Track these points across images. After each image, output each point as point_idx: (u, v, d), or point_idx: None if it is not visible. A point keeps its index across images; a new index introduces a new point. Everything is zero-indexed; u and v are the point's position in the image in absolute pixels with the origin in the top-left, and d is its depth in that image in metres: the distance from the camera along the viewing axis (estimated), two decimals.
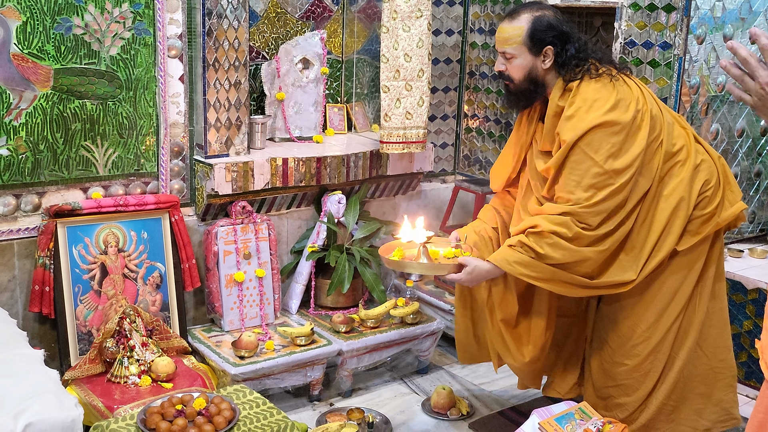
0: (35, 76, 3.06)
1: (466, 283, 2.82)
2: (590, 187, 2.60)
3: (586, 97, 2.63)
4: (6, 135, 3.05)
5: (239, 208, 3.53)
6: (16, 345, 2.59)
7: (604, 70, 2.68)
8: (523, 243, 2.68)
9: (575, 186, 2.62)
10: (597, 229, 2.63)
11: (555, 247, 2.63)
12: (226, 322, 3.55)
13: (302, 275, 3.80)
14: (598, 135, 2.58)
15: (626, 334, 2.84)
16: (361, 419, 3.26)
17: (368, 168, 3.85)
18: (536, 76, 2.75)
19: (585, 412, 2.71)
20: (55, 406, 2.24)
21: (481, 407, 3.52)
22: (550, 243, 2.63)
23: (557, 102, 2.71)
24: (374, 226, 3.87)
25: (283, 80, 3.83)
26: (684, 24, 3.29)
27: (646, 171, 2.66)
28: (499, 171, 3.07)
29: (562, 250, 2.63)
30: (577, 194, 2.61)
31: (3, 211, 3.10)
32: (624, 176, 2.60)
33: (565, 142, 2.62)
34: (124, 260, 3.30)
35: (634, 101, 2.63)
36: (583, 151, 2.60)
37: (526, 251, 2.68)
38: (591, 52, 2.73)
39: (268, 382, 3.30)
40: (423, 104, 3.78)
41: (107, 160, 3.31)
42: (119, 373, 3.03)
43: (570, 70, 2.69)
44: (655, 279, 2.78)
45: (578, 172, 2.62)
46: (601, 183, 2.59)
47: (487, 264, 2.76)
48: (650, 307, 2.79)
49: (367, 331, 3.60)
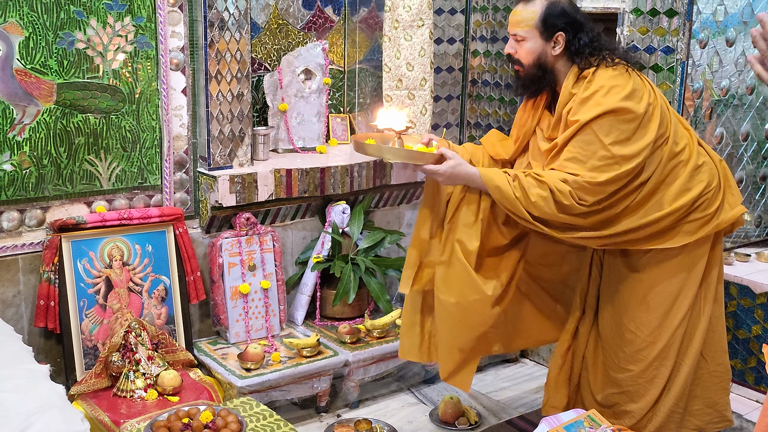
0: (38, 91, 3.07)
1: (442, 177, 2.67)
2: (594, 169, 2.60)
3: (603, 83, 2.62)
4: (10, 150, 3.06)
5: (243, 219, 3.53)
6: (22, 360, 2.58)
7: (619, 61, 2.69)
8: (518, 178, 2.63)
9: (579, 165, 2.62)
10: (589, 207, 2.64)
11: (545, 202, 2.60)
12: (232, 335, 3.54)
13: (307, 286, 3.79)
14: (610, 120, 2.59)
15: (629, 338, 2.83)
16: (369, 430, 3.25)
17: (372, 178, 3.85)
18: (545, 62, 2.74)
19: (594, 420, 2.70)
20: (61, 421, 2.23)
21: (489, 416, 3.51)
22: (543, 196, 2.60)
23: (570, 89, 2.70)
24: (379, 235, 3.87)
25: (285, 91, 3.84)
26: (686, 28, 3.29)
27: (648, 164, 2.66)
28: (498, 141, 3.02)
29: (548, 209, 2.62)
30: (582, 172, 2.62)
31: (7, 227, 3.11)
32: (630, 163, 2.60)
33: (578, 121, 2.61)
34: (129, 274, 3.31)
35: (647, 93, 2.64)
36: (593, 133, 2.60)
37: (516, 188, 2.63)
38: (605, 44, 2.74)
39: (275, 394, 3.29)
40: (426, 113, 3.78)
41: (111, 173, 3.31)
42: (125, 387, 3.03)
43: (585, 58, 2.70)
44: (653, 280, 2.78)
45: (585, 153, 2.61)
46: (606, 166, 2.59)
47: (472, 168, 2.68)
48: (651, 310, 2.79)
49: (374, 342, 3.60)
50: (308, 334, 3.66)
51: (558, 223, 2.70)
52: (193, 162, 3.51)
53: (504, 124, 4.32)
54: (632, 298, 2.82)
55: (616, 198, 2.67)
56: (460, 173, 2.67)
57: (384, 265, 3.82)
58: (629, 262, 2.84)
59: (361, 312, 3.85)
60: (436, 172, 2.66)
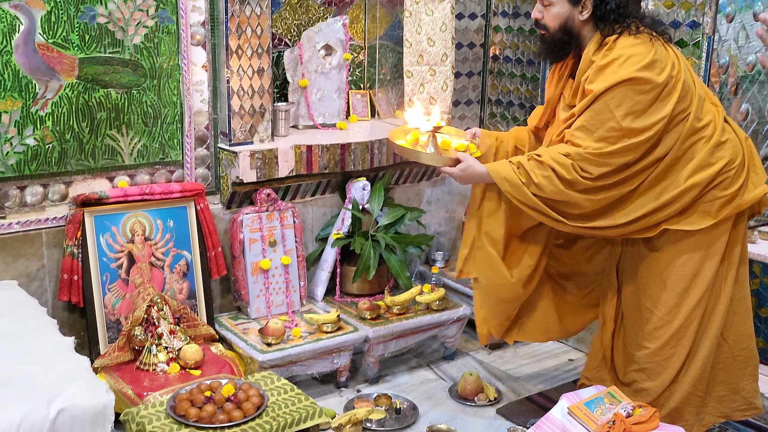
0: (60, 65, 3.09)
1: (457, 179, 2.85)
2: (601, 140, 2.59)
3: (623, 52, 2.60)
4: (33, 125, 3.08)
5: (264, 195, 3.54)
6: (47, 332, 2.63)
7: (643, 30, 2.65)
8: (521, 164, 2.69)
9: (587, 134, 2.61)
10: (596, 181, 2.62)
11: (548, 181, 2.63)
12: (253, 310, 3.57)
13: (327, 262, 3.81)
14: (624, 90, 2.56)
15: (646, 316, 2.83)
16: (389, 405, 3.27)
17: (392, 154, 3.85)
18: (572, 27, 2.72)
19: (614, 396, 2.70)
20: (87, 392, 2.27)
21: (509, 393, 3.52)
22: (546, 175, 2.63)
23: (591, 56, 2.67)
24: (399, 212, 3.87)
25: (305, 67, 3.83)
26: (713, 2, 3.24)
27: (666, 139, 2.63)
28: (533, 116, 3.10)
29: (553, 187, 2.64)
30: (586, 142, 2.61)
31: (31, 201, 3.14)
32: (640, 137, 2.58)
33: (592, 91, 2.60)
34: (151, 249, 3.33)
35: (669, 65, 2.60)
36: (605, 103, 2.58)
37: (520, 173, 2.68)
38: (633, 11, 2.70)
39: (296, 368, 3.32)
40: (447, 89, 3.76)
41: (132, 149, 3.33)
42: (148, 361, 3.06)
43: (609, 24, 2.67)
44: (670, 259, 2.76)
45: (594, 122, 2.60)
46: (613, 138, 2.58)
47: (482, 168, 2.77)
48: (668, 288, 2.77)
49: (393, 318, 3.61)
50: (328, 310, 3.68)
51: (570, 212, 2.69)
52: (214, 138, 3.52)
53: (525, 101, 4.29)
54: (650, 276, 2.81)
55: (628, 173, 2.64)
56: (472, 173, 2.79)
57: (404, 242, 3.82)
58: (648, 241, 2.82)
59: (381, 288, 3.86)
60: (451, 174, 2.83)
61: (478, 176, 2.79)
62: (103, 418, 2.26)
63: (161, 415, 2.60)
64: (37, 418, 2.14)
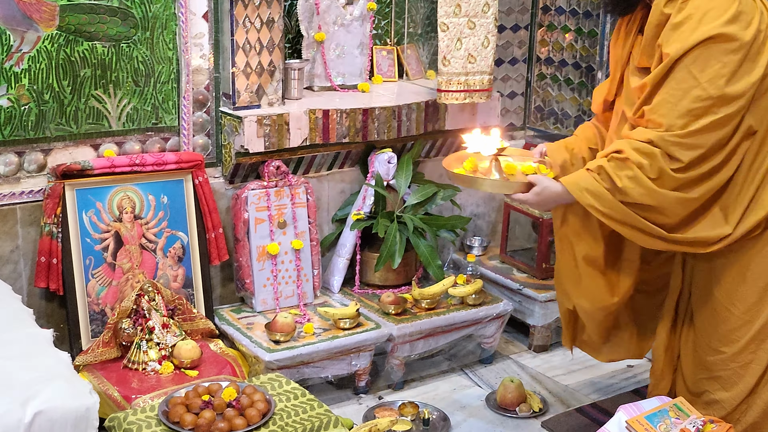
0: (39, 14, 3.11)
1: (534, 206, 2.90)
2: (687, 113, 2.55)
3: (700, 4, 2.55)
4: (6, 83, 3.11)
5: (273, 168, 3.56)
6: (23, 323, 2.66)
7: None
8: (602, 168, 2.66)
9: (669, 109, 2.57)
10: (688, 170, 2.58)
11: (635, 182, 2.59)
12: (258, 302, 3.59)
13: (346, 248, 3.82)
14: (709, 51, 2.52)
15: (722, 314, 2.81)
16: (416, 415, 3.29)
17: (423, 122, 3.84)
18: None
19: (681, 409, 2.70)
20: (68, 393, 2.29)
21: (556, 403, 3.52)
22: (631, 176, 2.59)
23: (662, 8, 2.63)
24: (430, 190, 3.86)
25: (323, 18, 3.83)
26: None
27: (755, 108, 2.59)
28: (598, 91, 3.07)
29: (641, 187, 2.60)
30: (669, 119, 2.56)
31: (4, 171, 3.17)
32: (732, 106, 2.53)
33: (668, 55, 2.56)
34: (142, 229, 3.36)
35: (757, 17, 2.55)
36: (687, 69, 2.54)
37: (602, 179, 2.65)
38: None
39: (307, 370, 3.34)
40: (488, 45, 3.74)
41: (121, 112, 3.35)
42: (137, 359, 3.10)
43: None
44: (752, 249, 2.73)
45: (676, 93, 2.56)
46: (701, 110, 2.54)
47: (558, 186, 2.75)
48: (748, 282, 2.75)
49: (422, 314, 3.62)
50: (346, 303, 3.70)
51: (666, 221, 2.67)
52: (215, 100, 3.54)
53: (581, 60, 4.26)
54: (727, 268, 2.79)
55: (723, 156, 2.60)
56: (549, 195, 2.78)
57: (435, 225, 3.82)
58: None
59: (407, 279, 3.87)
60: (526, 201, 2.84)
61: (557, 196, 2.76)
62: (86, 422, 2.29)
63: (152, 421, 2.63)
64: (11, 420, 2.17)
